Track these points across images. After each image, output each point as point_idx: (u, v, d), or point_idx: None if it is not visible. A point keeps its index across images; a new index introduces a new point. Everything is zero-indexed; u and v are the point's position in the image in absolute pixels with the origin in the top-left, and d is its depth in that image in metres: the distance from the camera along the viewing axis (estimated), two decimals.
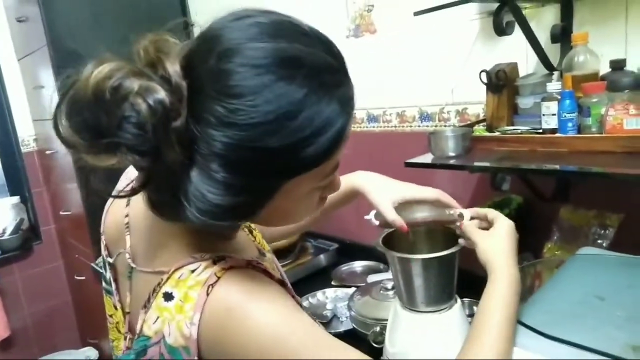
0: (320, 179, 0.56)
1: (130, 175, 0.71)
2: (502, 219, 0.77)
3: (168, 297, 0.54)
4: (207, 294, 0.52)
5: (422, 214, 0.90)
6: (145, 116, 0.46)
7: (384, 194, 0.87)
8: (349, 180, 0.91)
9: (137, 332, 0.57)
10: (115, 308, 0.69)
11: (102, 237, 0.72)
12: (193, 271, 0.54)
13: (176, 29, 0.55)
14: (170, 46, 0.51)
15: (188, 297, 0.53)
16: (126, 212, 0.68)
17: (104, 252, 0.72)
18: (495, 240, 0.74)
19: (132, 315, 0.65)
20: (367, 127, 1.69)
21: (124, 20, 2.09)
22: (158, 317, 0.55)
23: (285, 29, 0.51)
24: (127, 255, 0.64)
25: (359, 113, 1.71)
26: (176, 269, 0.56)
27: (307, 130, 0.48)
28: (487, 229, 0.78)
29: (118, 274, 0.69)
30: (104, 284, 0.73)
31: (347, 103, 0.52)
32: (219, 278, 0.53)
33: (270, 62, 0.48)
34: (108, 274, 0.71)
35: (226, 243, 0.64)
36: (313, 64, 0.50)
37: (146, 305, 0.57)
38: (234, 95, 0.47)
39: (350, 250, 1.80)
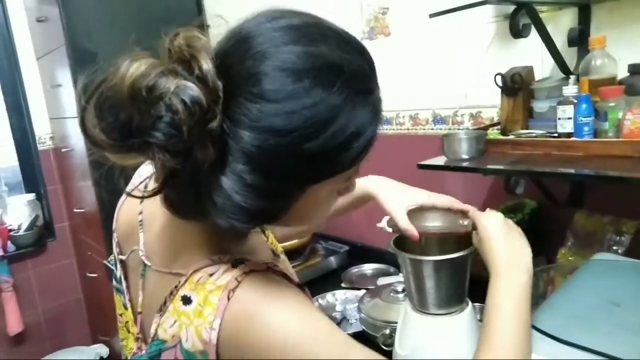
0: (343, 181, 0.57)
1: (142, 172, 0.71)
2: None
3: (186, 300, 0.53)
4: (228, 299, 0.51)
5: (434, 222, 0.89)
6: (182, 117, 0.45)
7: (397, 200, 0.86)
8: (362, 185, 0.89)
9: (152, 335, 0.57)
10: (125, 307, 0.69)
11: (114, 235, 0.72)
12: (212, 275, 0.54)
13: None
14: (202, 43, 0.49)
15: (208, 301, 0.52)
16: (140, 210, 0.67)
17: (115, 250, 0.71)
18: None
19: (144, 315, 0.64)
20: (380, 129, 1.69)
21: (139, 21, 2.12)
22: (175, 321, 0.54)
23: (322, 33, 0.51)
24: (141, 253, 0.64)
25: None
26: (194, 271, 0.55)
27: (342, 136, 0.49)
28: None
29: (129, 272, 0.69)
30: (114, 282, 0.72)
31: (378, 109, 0.54)
32: (239, 282, 0.52)
33: (311, 67, 0.47)
34: (119, 272, 0.70)
35: (241, 243, 0.63)
36: (351, 71, 0.49)
37: (162, 309, 0.56)
38: (272, 99, 0.46)
39: (360, 253, 1.80)
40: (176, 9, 2.28)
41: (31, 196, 2.55)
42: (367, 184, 0.90)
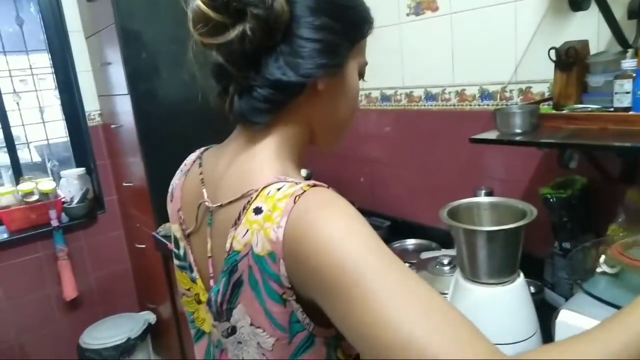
0: (362, 56, 0.69)
1: (187, 162, 0.77)
2: None
3: (258, 210, 0.57)
4: (294, 202, 0.55)
5: None
6: None
7: None
8: None
9: (227, 249, 0.61)
10: (193, 281, 0.72)
11: (179, 213, 0.74)
12: (279, 189, 0.58)
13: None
14: None
15: (276, 207, 0.56)
16: (199, 171, 0.72)
17: (179, 228, 0.74)
18: None
19: (214, 257, 0.67)
20: (424, 105, 1.70)
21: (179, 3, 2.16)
22: (247, 230, 0.58)
23: None
24: (207, 203, 0.68)
25: (416, 91, 1.72)
26: (264, 187, 0.59)
27: (364, 9, 0.67)
28: None
29: (196, 236, 0.72)
30: (177, 262, 0.76)
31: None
32: (304, 191, 0.56)
33: None
34: (182, 250, 0.74)
35: (299, 175, 0.67)
36: None
37: (236, 223, 0.60)
38: None
39: (402, 228, 1.83)
40: None
41: (82, 170, 2.68)
42: None
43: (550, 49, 1.14)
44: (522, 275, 0.93)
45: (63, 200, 2.59)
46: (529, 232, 0.95)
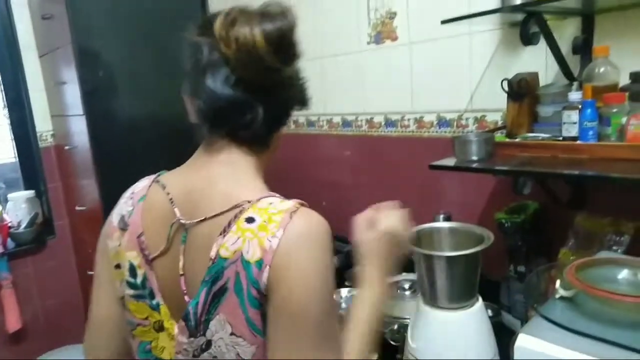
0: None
1: (127, 195, 0.78)
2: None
3: (250, 220, 0.62)
4: (290, 218, 0.61)
5: None
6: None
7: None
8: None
9: (212, 257, 0.63)
10: (154, 308, 0.71)
11: (141, 239, 0.72)
12: (271, 203, 0.64)
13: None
14: None
15: (272, 220, 0.61)
16: (167, 192, 0.72)
17: (140, 254, 0.71)
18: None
19: (187, 275, 0.68)
20: (384, 131, 1.73)
21: (143, 20, 2.15)
22: (239, 238, 0.62)
23: None
24: (182, 220, 0.68)
25: (376, 117, 1.75)
26: (258, 200, 0.64)
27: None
28: None
29: (171, 248, 0.70)
30: (131, 291, 0.72)
31: None
32: (298, 209, 0.63)
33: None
34: (140, 278, 0.71)
35: None
36: None
37: (225, 230, 0.63)
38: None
39: None
40: (180, 6, 2.30)
41: (31, 193, 2.55)
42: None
43: (503, 80, 1.19)
44: (480, 299, 0.95)
45: (9, 224, 2.45)
46: (486, 255, 0.98)
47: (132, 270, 0.72)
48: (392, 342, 1.16)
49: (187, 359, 0.67)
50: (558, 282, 0.80)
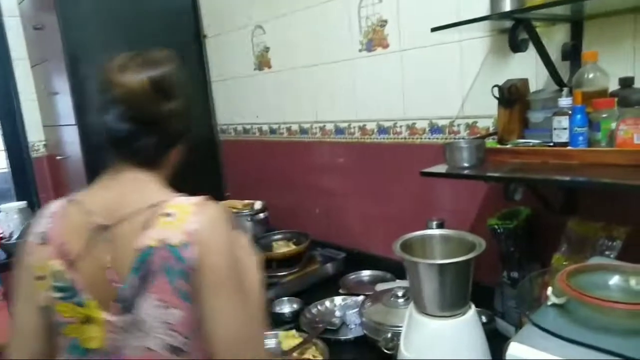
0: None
1: (53, 211, 0.86)
2: None
3: (168, 215, 0.77)
4: (202, 207, 0.79)
5: None
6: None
7: None
8: None
9: (139, 248, 0.76)
10: (80, 305, 0.80)
11: (65, 247, 0.81)
12: (181, 200, 0.80)
13: (189, 41, 0.69)
14: None
15: (187, 211, 0.78)
16: (84, 206, 0.83)
17: (63, 261, 0.80)
18: None
19: (115, 268, 0.79)
20: (377, 138, 1.73)
21: (136, 31, 2.15)
22: (161, 229, 0.76)
23: None
24: (103, 223, 0.80)
25: (369, 124, 1.75)
26: (171, 199, 0.80)
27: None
28: None
29: (94, 249, 0.81)
30: (58, 294, 0.81)
31: None
32: (206, 201, 0.80)
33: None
34: (66, 281, 0.80)
35: None
36: None
37: (148, 226, 0.77)
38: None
39: (357, 260, 1.83)
40: (173, 18, 2.30)
41: (23, 204, 2.53)
42: None
43: (494, 86, 1.19)
44: (473, 307, 0.94)
45: (1, 235, 2.43)
46: (479, 261, 0.97)
47: (58, 276, 0.81)
48: (386, 351, 1.15)
49: (119, 337, 0.78)
50: (550, 289, 0.80)
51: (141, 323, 0.77)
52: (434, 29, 1.10)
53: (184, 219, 0.77)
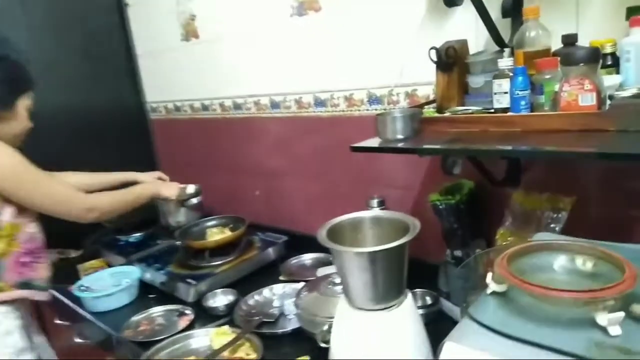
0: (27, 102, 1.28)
1: None
2: None
3: None
4: None
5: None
6: None
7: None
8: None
9: None
10: None
11: None
12: None
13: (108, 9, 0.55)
14: None
15: None
16: None
17: None
18: None
19: None
20: (314, 111, 1.59)
21: (56, 20, 1.99)
22: None
23: None
24: None
25: (305, 97, 1.61)
26: None
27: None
28: None
29: None
30: None
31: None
32: None
33: None
34: None
35: None
36: None
37: None
38: None
39: (300, 243, 1.70)
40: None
41: None
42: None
43: (431, 48, 1.08)
44: (409, 296, 0.84)
45: None
46: (423, 239, 0.87)
47: None
48: (323, 345, 1.04)
49: None
50: (489, 276, 0.70)
51: None
52: None
53: None
